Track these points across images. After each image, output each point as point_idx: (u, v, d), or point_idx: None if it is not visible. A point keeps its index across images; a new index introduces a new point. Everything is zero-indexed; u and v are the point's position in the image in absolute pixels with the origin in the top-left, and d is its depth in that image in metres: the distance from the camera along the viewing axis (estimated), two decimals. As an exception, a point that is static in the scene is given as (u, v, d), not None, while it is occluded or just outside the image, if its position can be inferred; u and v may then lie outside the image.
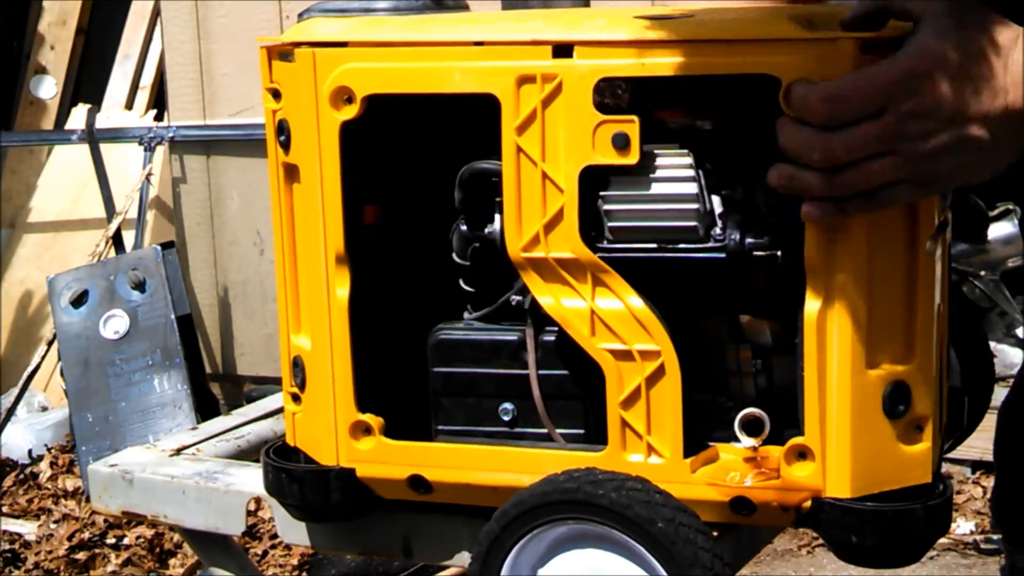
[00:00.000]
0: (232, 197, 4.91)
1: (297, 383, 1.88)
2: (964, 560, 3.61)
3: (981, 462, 4.02)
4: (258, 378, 5.06)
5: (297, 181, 1.82)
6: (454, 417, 1.84)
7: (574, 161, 1.67)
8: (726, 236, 1.70)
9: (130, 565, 3.96)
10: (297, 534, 1.99)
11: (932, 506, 1.67)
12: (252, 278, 4.95)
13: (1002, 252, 4.55)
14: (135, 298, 4.61)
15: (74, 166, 5.46)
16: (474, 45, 1.71)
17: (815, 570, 3.63)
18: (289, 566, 3.93)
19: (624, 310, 1.69)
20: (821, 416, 1.64)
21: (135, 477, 2.18)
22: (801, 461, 1.66)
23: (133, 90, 5.59)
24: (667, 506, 1.60)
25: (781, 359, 1.74)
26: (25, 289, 5.42)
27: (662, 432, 1.69)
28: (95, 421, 4.54)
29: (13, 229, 5.53)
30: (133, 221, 5.00)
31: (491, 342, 1.81)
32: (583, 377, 1.75)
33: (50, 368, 5.04)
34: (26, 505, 4.45)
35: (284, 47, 1.82)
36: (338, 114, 1.75)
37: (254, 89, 4.05)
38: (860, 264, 1.62)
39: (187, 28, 4.90)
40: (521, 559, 1.68)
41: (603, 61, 1.66)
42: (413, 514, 1.89)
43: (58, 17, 5.74)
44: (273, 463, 1.90)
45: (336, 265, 1.79)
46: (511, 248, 1.72)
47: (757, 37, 1.61)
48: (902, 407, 1.66)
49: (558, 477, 1.66)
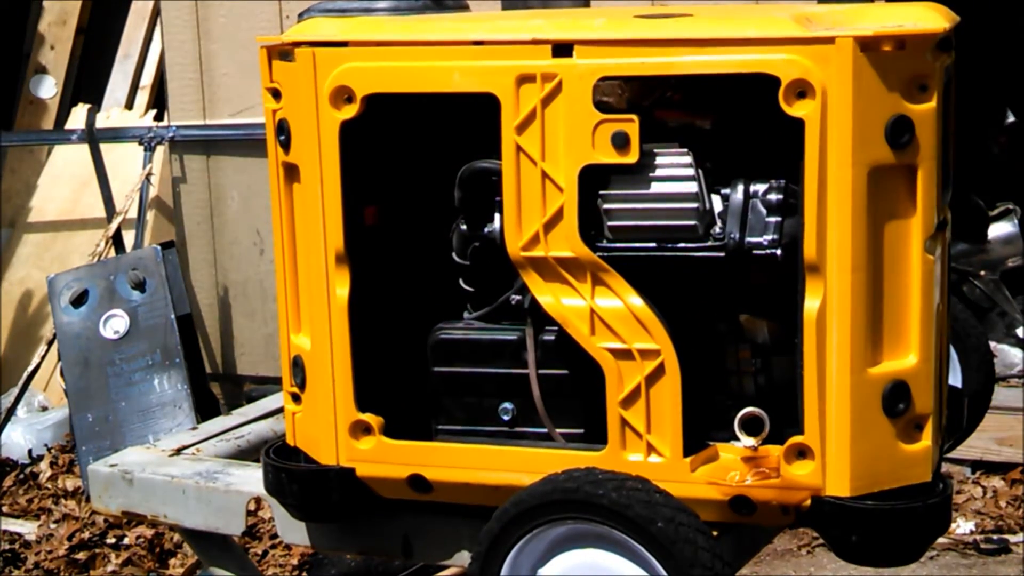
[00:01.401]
0: (232, 197, 4.91)
1: (297, 383, 1.88)
2: (964, 560, 3.60)
3: (981, 462, 4.02)
4: (258, 378, 5.05)
5: (297, 181, 1.83)
6: (454, 416, 1.84)
7: (574, 160, 1.67)
8: (725, 235, 1.70)
9: (130, 565, 3.96)
10: (297, 534, 1.99)
11: (932, 505, 1.67)
12: (252, 278, 4.94)
13: (1002, 252, 4.55)
14: (135, 298, 4.60)
15: (74, 166, 5.45)
16: (474, 45, 1.72)
17: (815, 570, 3.63)
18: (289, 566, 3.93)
19: (624, 309, 1.69)
20: (821, 415, 1.64)
21: (135, 477, 2.18)
22: (801, 460, 1.66)
23: (133, 90, 5.58)
24: (667, 506, 1.61)
25: (780, 358, 1.74)
26: (25, 289, 5.42)
27: (662, 431, 1.69)
28: (95, 421, 4.53)
29: (13, 229, 5.53)
30: (133, 221, 4.99)
31: (491, 341, 1.81)
32: (583, 376, 1.75)
33: (50, 368, 5.03)
34: (26, 505, 4.44)
35: (284, 47, 1.82)
36: (338, 113, 1.75)
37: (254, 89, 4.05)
38: (860, 263, 1.62)
39: (187, 28, 4.90)
40: (521, 558, 1.68)
41: (603, 60, 1.66)
42: (413, 514, 1.89)
43: (58, 17, 5.73)
44: (273, 463, 1.90)
45: (336, 264, 1.79)
46: (511, 247, 1.72)
47: (756, 36, 1.61)
48: (902, 406, 1.66)
49: (558, 477, 1.66)
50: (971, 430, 2.13)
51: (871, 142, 1.61)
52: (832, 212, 1.61)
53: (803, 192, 1.62)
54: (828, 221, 1.61)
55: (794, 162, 1.64)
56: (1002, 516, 3.83)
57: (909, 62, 1.62)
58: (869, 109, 1.60)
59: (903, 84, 1.61)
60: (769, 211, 1.69)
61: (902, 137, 1.62)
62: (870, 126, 1.60)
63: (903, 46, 1.61)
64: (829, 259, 1.61)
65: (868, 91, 1.59)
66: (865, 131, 1.60)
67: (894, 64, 1.61)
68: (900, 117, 1.61)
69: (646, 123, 1.66)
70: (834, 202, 1.61)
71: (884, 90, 1.60)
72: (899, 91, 1.61)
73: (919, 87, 1.62)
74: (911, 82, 1.62)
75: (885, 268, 1.64)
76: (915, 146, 1.63)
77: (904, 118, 1.61)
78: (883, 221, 1.63)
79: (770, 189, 1.70)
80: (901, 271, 1.65)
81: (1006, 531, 3.78)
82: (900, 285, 1.66)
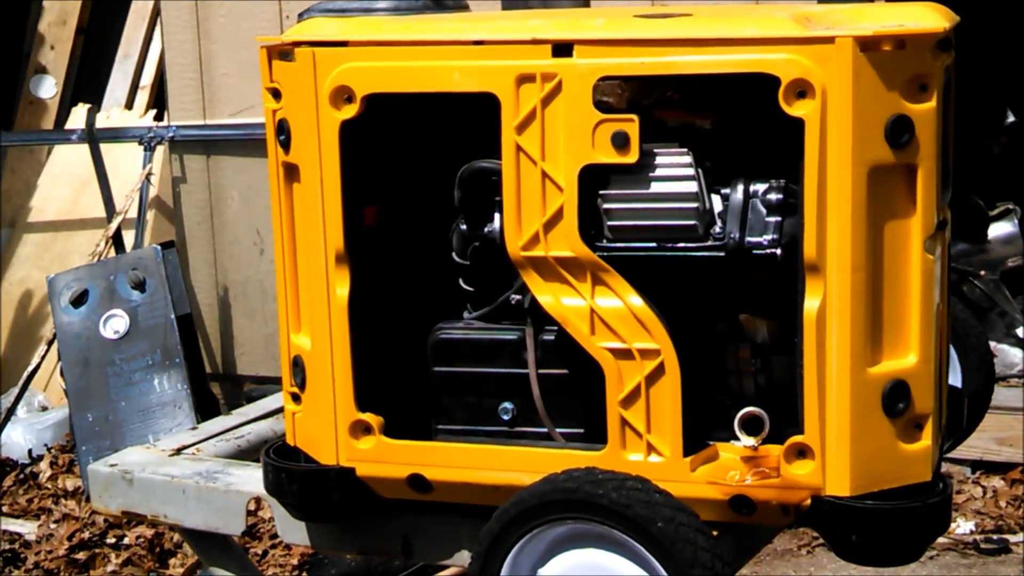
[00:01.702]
0: (232, 197, 4.91)
1: (297, 382, 1.88)
2: (964, 560, 3.60)
3: (981, 462, 4.02)
4: (258, 378, 5.05)
5: (297, 180, 1.83)
6: (454, 416, 1.84)
7: (574, 160, 1.67)
8: (725, 235, 1.70)
9: (130, 565, 3.95)
10: (297, 534, 1.99)
11: (932, 504, 1.67)
12: (252, 278, 4.94)
13: (1002, 252, 4.55)
14: (135, 298, 4.60)
15: (74, 166, 5.45)
16: (474, 44, 1.71)
17: (815, 570, 3.63)
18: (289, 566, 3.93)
19: (624, 309, 1.69)
20: (821, 414, 1.64)
21: (135, 477, 2.18)
22: (801, 459, 1.66)
23: (133, 90, 5.58)
24: (667, 505, 1.60)
25: (780, 358, 1.74)
26: (25, 289, 5.41)
27: (662, 431, 1.69)
28: (95, 421, 4.53)
29: (13, 229, 5.52)
30: (133, 221, 4.99)
31: (491, 341, 1.81)
32: (583, 376, 1.75)
33: (50, 368, 5.03)
34: (26, 505, 4.44)
35: (284, 47, 1.82)
36: (338, 113, 1.75)
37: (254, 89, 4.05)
38: (860, 262, 1.62)
39: (187, 28, 4.90)
40: (521, 558, 1.68)
41: (603, 60, 1.66)
42: (413, 514, 1.89)
43: (58, 17, 5.73)
44: (273, 463, 1.90)
45: (336, 264, 1.79)
46: (511, 247, 1.72)
47: (756, 36, 1.61)
48: (902, 405, 1.66)
49: (558, 476, 1.66)
50: (971, 430, 2.13)
51: (871, 142, 1.61)
52: (832, 212, 1.61)
53: (803, 192, 1.62)
54: (828, 221, 1.61)
55: (794, 162, 1.64)
56: (1002, 516, 3.83)
57: (909, 62, 1.62)
58: (869, 109, 1.60)
59: (903, 84, 1.61)
60: (769, 211, 1.69)
61: (902, 137, 1.62)
62: (870, 126, 1.60)
63: (903, 46, 1.61)
64: (829, 259, 1.61)
65: (868, 91, 1.59)
66: (865, 131, 1.60)
67: (894, 64, 1.61)
68: (900, 117, 1.61)
69: (646, 123, 1.66)
70: (834, 202, 1.61)
71: (884, 90, 1.60)
72: (899, 91, 1.61)
73: (919, 87, 1.62)
74: (911, 82, 1.62)
75: (885, 268, 1.64)
76: (915, 146, 1.63)
77: (904, 118, 1.61)
78: (883, 221, 1.63)
79: (770, 189, 1.70)
80: (901, 271, 1.65)
81: (1006, 531, 3.78)
82: (900, 285, 1.66)
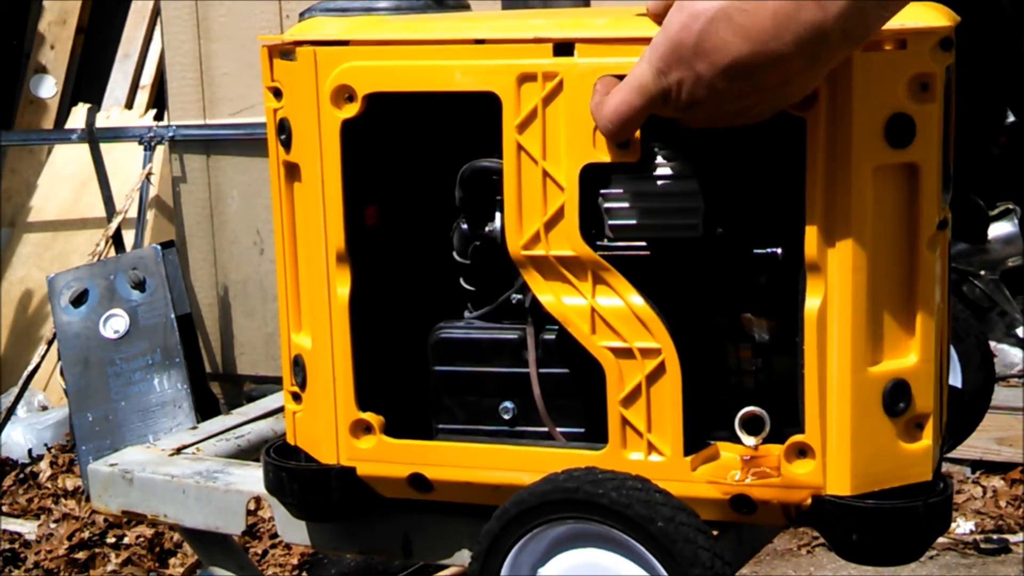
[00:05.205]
0: (232, 196, 4.92)
1: (297, 382, 1.88)
2: (964, 560, 3.61)
3: (981, 462, 4.02)
4: (258, 377, 5.06)
5: (298, 180, 1.83)
6: (454, 415, 1.84)
7: (575, 159, 1.67)
8: (726, 234, 1.70)
9: (130, 565, 3.96)
10: (297, 533, 1.99)
11: (932, 504, 1.67)
12: (252, 277, 4.95)
13: (1002, 252, 4.55)
14: (135, 297, 4.61)
15: (74, 165, 5.46)
16: (475, 43, 1.71)
17: (815, 570, 3.64)
18: (289, 566, 3.94)
19: (624, 308, 1.69)
20: (821, 414, 1.64)
21: (135, 476, 2.18)
22: (801, 459, 1.66)
23: (133, 89, 5.59)
24: (667, 505, 1.60)
25: (781, 357, 1.74)
26: (25, 288, 5.42)
27: (662, 430, 1.69)
28: (95, 420, 4.54)
29: (13, 228, 5.53)
30: (133, 220, 5.00)
31: (491, 340, 1.81)
32: (583, 375, 1.75)
33: (50, 368, 5.04)
34: (26, 505, 4.45)
35: (285, 46, 1.82)
36: (339, 112, 1.75)
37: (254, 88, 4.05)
38: (860, 262, 1.62)
39: (187, 28, 4.91)
40: (521, 558, 1.68)
41: (604, 59, 1.66)
42: (413, 513, 1.89)
43: (58, 16, 5.74)
44: (273, 462, 1.90)
45: (337, 263, 1.79)
46: (511, 246, 1.72)
47: (758, 35, 1.61)
48: (902, 405, 1.66)
49: (558, 476, 1.66)
50: (971, 430, 2.13)
51: (872, 141, 1.61)
52: (833, 212, 1.61)
53: (804, 191, 1.62)
54: (829, 221, 1.61)
55: (795, 161, 1.64)
56: (1002, 516, 3.83)
57: (911, 61, 1.61)
58: (870, 108, 1.60)
59: (904, 83, 1.61)
60: (770, 211, 1.69)
61: (903, 136, 1.61)
62: (871, 125, 1.60)
63: (904, 45, 1.61)
64: (830, 258, 1.61)
65: (869, 90, 1.59)
66: (866, 130, 1.60)
67: (895, 63, 1.61)
68: (901, 116, 1.61)
69: (647, 122, 1.66)
70: (835, 201, 1.60)
71: (885, 89, 1.60)
72: (900, 90, 1.61)
73: (920, 86, 1.62)
74: (912, 81, 1.62)
75: (886, 267, 1.64)
76: (916, 146, 1.63)
77: (906, 117, 1.61)
78: (884, 221, 1.63)
79: (771, 188, 1.70)
80: (902, 271, 1.65)
81: (1006, 531, 3.79)
82: (901, 285, 1.65)
